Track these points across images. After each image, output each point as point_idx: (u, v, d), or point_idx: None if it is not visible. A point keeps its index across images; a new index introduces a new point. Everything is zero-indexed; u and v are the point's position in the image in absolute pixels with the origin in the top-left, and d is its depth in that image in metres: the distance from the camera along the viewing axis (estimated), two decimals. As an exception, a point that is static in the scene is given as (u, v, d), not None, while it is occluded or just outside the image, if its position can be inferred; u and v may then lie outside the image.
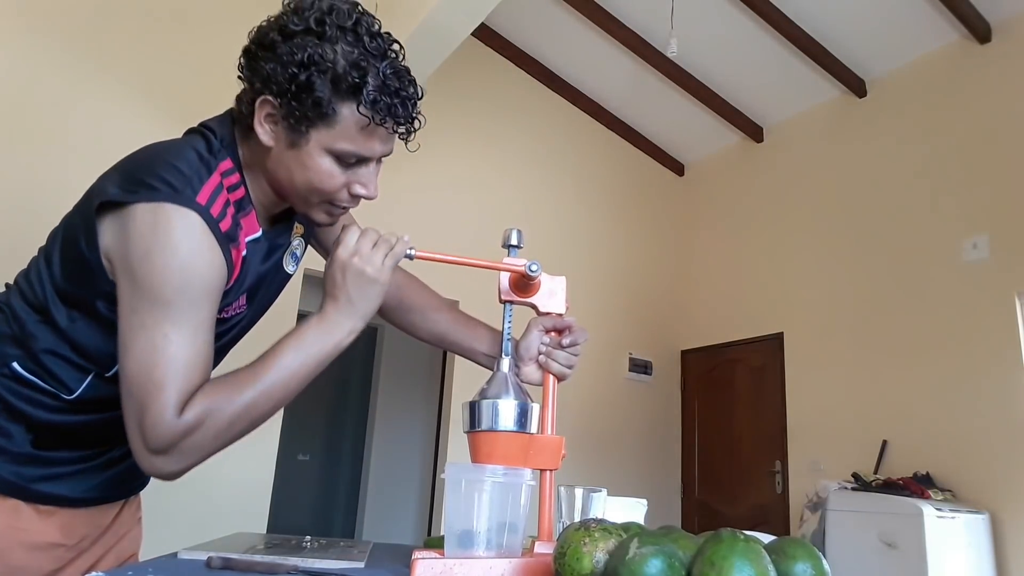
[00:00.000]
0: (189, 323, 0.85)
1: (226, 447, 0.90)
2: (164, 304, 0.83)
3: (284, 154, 0.91)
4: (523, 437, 0.91)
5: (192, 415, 0.83)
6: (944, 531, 3.49)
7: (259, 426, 0.91)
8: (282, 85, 0.86)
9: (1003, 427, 3.78)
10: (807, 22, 4.54)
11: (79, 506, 1.00)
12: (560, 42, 5.21)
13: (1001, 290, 3.93)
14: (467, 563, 0.79)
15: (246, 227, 0.95)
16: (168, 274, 0.83)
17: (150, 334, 0.83)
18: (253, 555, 0.93)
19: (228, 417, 0.86)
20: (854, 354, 4.58)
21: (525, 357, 1.06)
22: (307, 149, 0.90)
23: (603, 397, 5.21)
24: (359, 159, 0.92)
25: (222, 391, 0.85)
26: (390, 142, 0.94)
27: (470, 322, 1.20)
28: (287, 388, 0.89)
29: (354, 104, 0.87)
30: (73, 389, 0.94)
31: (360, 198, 0.96)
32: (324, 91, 0.86)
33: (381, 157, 0.95)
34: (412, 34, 2.87)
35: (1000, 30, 4.25)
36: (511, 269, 1.00)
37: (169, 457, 0.84)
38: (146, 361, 0.83)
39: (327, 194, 0.93)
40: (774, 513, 4.83)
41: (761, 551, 0.63)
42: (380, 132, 0.90)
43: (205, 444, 0.86)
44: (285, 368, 0.88)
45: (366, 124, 0.88)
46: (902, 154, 4.60)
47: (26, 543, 0.94)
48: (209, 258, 0.86)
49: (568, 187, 5.52)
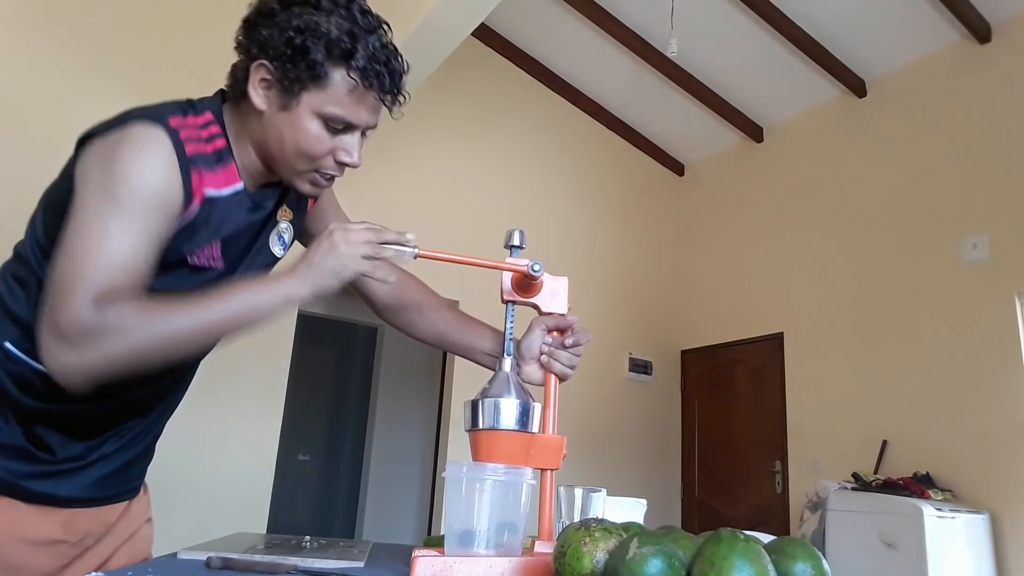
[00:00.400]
0: (134, 228, 0.85)
1: (130, 366, 0.84)
2: (114, 202, 0.85)
3: (275, 117, 0.94)
4: (524, 436, 0.91)
5: (110, 314, 0.81)
6: (944, 531, 3.49)
7: (168, 358, 0.86)
8: (279, 49, 0.90)
9: (1003, 427, 3.78)
10: (807, 22, 4.54)
11: (74, 506, 0.99)
12: (560, 42, 5.21)
13: (1001, 290, 3.93)
14: (467, 561, 0.79)
15: (224, 176, 0.96)
16: (124, 175, 0.86)
17: (92, 229, 0.84)
18: (253, 555, 0.93)
19: (146, 333, 0.83)
20: (854, 354, 4.58)
21: (527, 356, 1.06)
22: (298, 111, 0.93)
23: (603, 397, 5.21)
24: (346, 125, 0.94)
25: (149, 307, 0.84)
26: (376, 113, 0.97)
27: (471, 321, 1.20)
28: (210, 331, 0.87)
29: (345, 69, 0.91)
30: None
31: (345, 166, 0.98)
32: (318, 55, 0.90)
33: (367, 128, 0.97)
34: (412, 34, 2.87)
35: (1000, 30, 4.25)
36: (514, 269, 1.00)
37: (70, 348, 0.80)
38: (80, 251, 0.83)
39: (313, 158, 0.95)
40: (774, 513, 4.83)
41: (761, 551, 0.63)
42: (368, 100, 0.94)
43: (113, 348, 0.81)
44: (220, 310, 0.87)
45: (354, 88, 0.92)
46: (902, 154, 4.60)
47: (25, 539, 0.94)
48: (167, 172, 0.88)
49: (568, 187, 5.52)
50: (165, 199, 0.88)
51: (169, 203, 0.89)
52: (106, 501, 1.04)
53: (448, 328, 1.20)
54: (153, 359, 0.85)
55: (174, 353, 0.86)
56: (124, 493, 1.08)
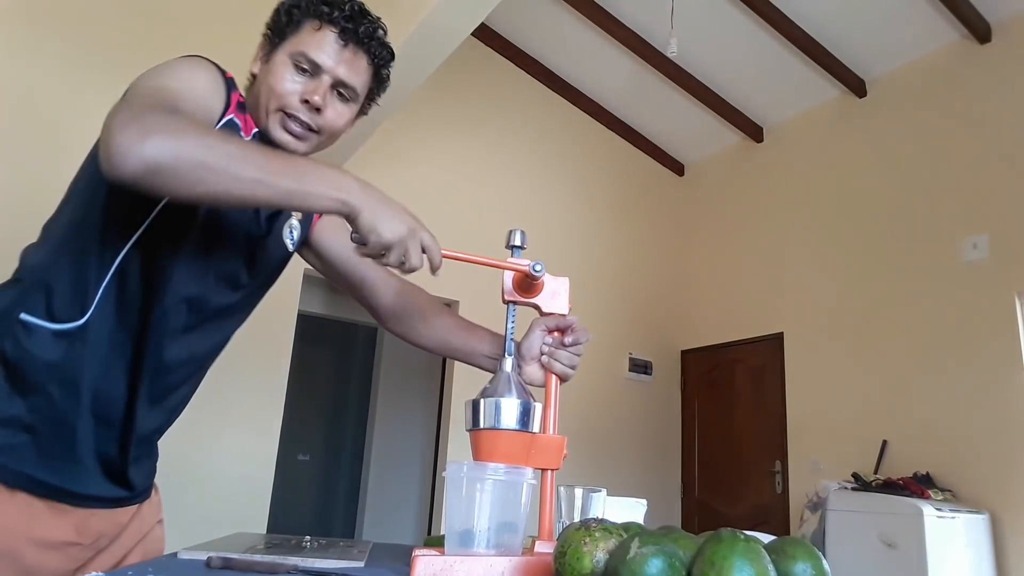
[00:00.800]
0: (194, 97, 0.93)
1: (188, 163, 0.79)
2: (175, 76, 0.94)
3: (262, 72, 1.06)
4: (525, 436, 0.91)
5: (189, 118, 0.86)
6: (944, 531, 3.49)
7: (218, 181, 0.80)
8: (274, 18, 1.06)
9: (1003, 427, 3.78)
10: (807, 22, 4.55)
11: (88, 505, 0.99)
12: (560, 42, 5.21)
13: (1001, 290, 3.93)
14: (467, 561, 0.79)
15: (247, 123, 1.05)
16: (174, 65, 0.97)
17: (156, 86, 0.91)
18: (253, 555, 0.93)
19: (208, 136, 0.83)
20: (854, 354, 4.58)
21: (527, 357, 1.07)
22: (275, 59, 1.04)
23: (603, 397, 5.21)
24: (311, 65, 1.02)
25: (211, 130, 0.89)
26: (343, 63, 1.04)
27: (471, 326, 1.22)
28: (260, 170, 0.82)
29: (315, 16, 1.03)
30: (87, 307, 0.95)
31: (310, 107, 1.02)
32: (295, 9, 1.04)
33: (336, 80, 1.03)
34: (412, 34, 2.87)
35: (1000, 30, 4.25)
36: (515, 268, 1.00)
37: (148, 125, 0.78)
38: (150, 91, 0.89)
39: (280, 94, 1.02)
40: (774, 513, 4.83)
41: (761, 551, 0.63)
42: (329, 40, 1.03)
43: (190, 134, 0.80)
44: (279, 161, 0.85)
45: (319, 29, 1.02)
46: (902, 154, 4.60)
47: (39, 542, 0.93)
48: (213, 71, 1.00)
49: (568, 187, 5.52)
50: (213, 91, 0.99)
51: (215, 97, 0.99)
52: (118, 503, 1.04)
53: (450, 333, 1.22)
54: (216, 165, 0.80)
55: (231, 175, 0.81)
56: (135, 496, 1.07)
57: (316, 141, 1.06)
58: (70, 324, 0.95)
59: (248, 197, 0.83)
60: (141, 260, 0.97)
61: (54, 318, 0.94)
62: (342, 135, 1.10)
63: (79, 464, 0.97)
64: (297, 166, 0.86)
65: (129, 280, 0.97)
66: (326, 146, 1.10)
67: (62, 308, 0.95)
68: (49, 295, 0.95)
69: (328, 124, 1.05)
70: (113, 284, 0.96)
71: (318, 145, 1.08)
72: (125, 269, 0.96)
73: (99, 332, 0.96)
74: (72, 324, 0.95)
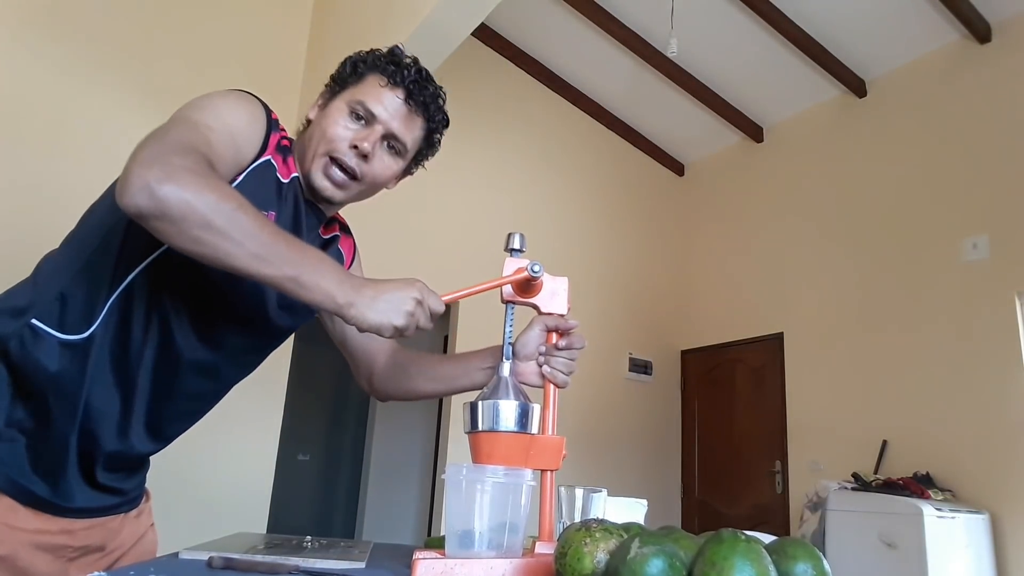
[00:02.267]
0: (230, 135, 0.93)
1: (194, 218, 0.79)
2: (214, 110, 0.94)
3: (317, 118, 1.08)
4: (524, 438, 0.91)
5: (214, 173, 0.85)
6: (944, 531, 3.49)
7: (219, 242, 0.81)
8: (339, 69, 1.10)
9: (1003, 427, 3.78)
10: (807, 22, 4.55)
11: (72, 516, 0.98)
12: (560, 42, 5.21)
13: (1001, 290, 3.93)
14: (468, 563, 0.79)
15: (285, 164, 1.05)
16: (215, 99, 0.96)
17: (193, 120, 0.91)
18: (254, 555, 0.93)
19: (225, 195, 0.82)
20: (854, 354, 4.58)
21: (522, 354, 1.06)
22: (332, 105, 1.07)
23: (603, 397, 5.21)
24: (367, 113, 1.05)
25: (246, 200, 0.85)
26: (401, 120, 1.06)
27: (460, 355, 1.24)
28: (262, 248, 0.82)
29: (379, 71, 1.07)
30: (92, 321, 0.95)
31: (358, 153, 1.04)
32: (361, 63, 1.08)
33: (388, 132, 1.06)
34: (412, 34, 2.87)
35: (1000, 30, 4.25)
36: (514, 280, 1.00)
37: (171, 168, 0.79)
38: (184, 127, 0.89)
39: (331, 139, 1.04)
40: (774, 513, 4.83)
41: (762, 551, 0.63)
42: (390, 97, 1.05)
43: (206, 193, 0.80)
44: (281, 243, 0.84)
45: (382, 84, 1.06)
46: (902, 154, 4.60)
47: (27, 544, 0.93)
48: (255, 110, 1.00)
49: (568, 187, 5.52)
50: (252, 128, 0.98)
51: (254, 135, 0.98)
52: (104, 512, 1.04)
53: (443, 363, 1.24)
54: (221, 231, 0.80)
55: (234, 244, 0.81)
56: (122, 505, 1.07)
57: (356, 191, 1.08)
58: (75, 336, 0.94)
59: (243, 270, 0.83)
60: (150, 285, 0.96)
61: (62, 328, 0.94)
62: (382, 190, 1.13)
63: (65, 476, 0.96)
64: (300, 254, 0.86)
65: (135, 303, 0.96)
66: (365, 197, 1.12)
67: (71, 319, 0.95)
68: (60, 304, 0.95)
69: (372, 173, 1.07)
70: (118, 304, 0.96)
71: (357, 195, 1.09)
72: (133, 291, 0.96)
73: (102, 349, 0.95)
74: (77, 336, 0.94)
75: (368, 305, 0.87)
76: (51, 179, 3.20)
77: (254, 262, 0.82)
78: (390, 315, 0.88)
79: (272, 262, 0.83)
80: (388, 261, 4.31)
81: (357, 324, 0.87)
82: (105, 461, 1.00)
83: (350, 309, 0.87)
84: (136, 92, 3.48)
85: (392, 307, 0.88)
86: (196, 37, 3.78)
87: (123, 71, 3.55)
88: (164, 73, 3.57)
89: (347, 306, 0.86)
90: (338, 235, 1.20)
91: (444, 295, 0.95)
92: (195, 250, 0.81)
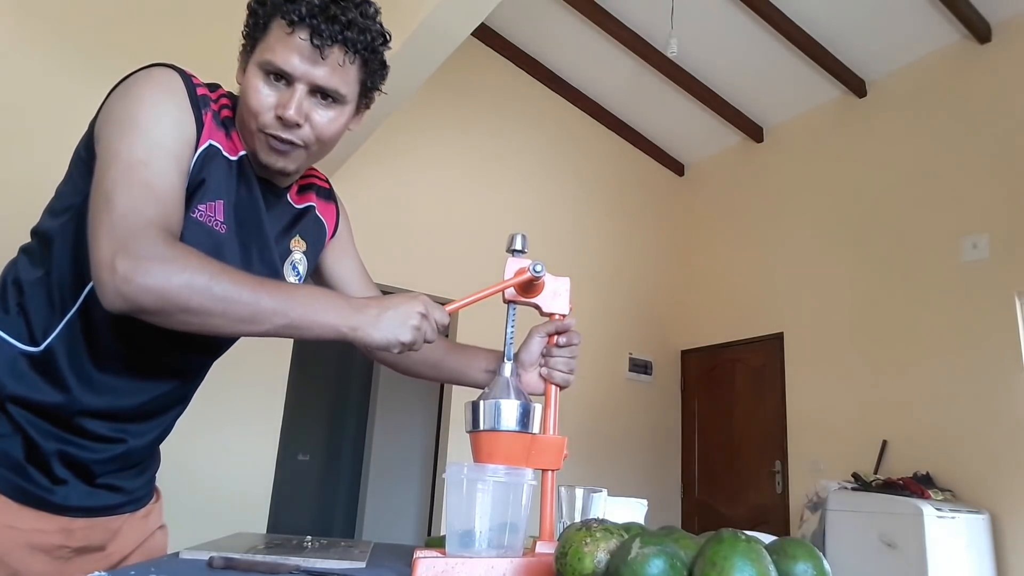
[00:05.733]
0: (164, 154, 0.87)
1: (177, 305, 0.79)
2: (141, 130, 0.87)
3: (240, 85, 0.97)
4: (525, 437, 0.91)
5: (180, 249, 0.81)
6: (944, 531, 3.49)
7: (207, 320, 0.81)
8: (245, 21, 0.96)
9: (1003, 427, 3.78)
10: (807, 22, 4.55)
11: (69, 515, 0.97)
12: (560, 42, 5.21)
13: (1001, 290, 3.93)
14: (469, 563, 0.79)
15: (227, 141, 0.97)
16: (134, 107, 0.89)
17: (127, 158, 0.85)
18: (255, 555, 0.93)
19: (208, 277, 0.80)
20: (854, 354, 4.58)
21: (527, 364, 1.06)
22: (248, 70, 0.95)
23: (603, 397, 5.21)
24: (282, 73, 0.92)
25: (214, 261, 0.83)
26: (316, 64, 0.92)
27: (466, 346, 1.22)
28: (259, 313, 0.82)
29: (280, 16, 0.92)
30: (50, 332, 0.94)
31: (284, 122, 0.93)
32: (261, 10, 0.94)
33: (312, 83, 0.93)
34: (412, 34, 2.87)
35: (1000, 30, 4.25)
36: (516, 283, 1.00)
37: (133, 262, 0.78)
38: (125, 180, 0.83)
39: (256, 114, 0.94)
40: (774, 513, 4.83)
41: (762, 551, 0.63)
42: (298, 44, 0.91)
43: (176, 278, 0.78)
44: (277, 300, 0.83)
45: (288, 33, 0.91)
46: (902, 154, 4.60)
47: (22, 543, 0.92)
48: (179, 100, 0.91)
49: (568, 187, 5.52)
50: (181, 126, 0.91)
51: (185, 132, 0.91)
52: (104, 512, 1.02)
53: (444, 356, 1.20)
54: (200, 310, 0.80)
55: (217, 316, 0.81)
56: (126, 504, 1.06)
57: (305, 155, 0.98)
58: (34, 348, 0.94)
59: (236, 334, 0.85)
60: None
61: (22, 339, 0.93)
62: (345, 134, 1.02)
63: (59, 475, 0.95)
64: (289, 299, 0.84)
65: (94, 314, 0.93)
66: (323, 154, 1.02)
67: (29, 330, 0.94)
68: (22, 314, 0.94)
69: (315, 136, 0.96)
70: (78, 317, 0.94)
71: (311, 156, 0.99)
72: (92, 301, 0.92)
73: (62, 360, 0.94)
74: (36, 348, 0.93)
75: (373, 324, 0.87)
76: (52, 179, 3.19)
77: (243, 326, 0.83)
78: (396, 332, 0.88)
79: (260, 320, 0.83)
80: (388, 261, 4.31)
81: (365, 344, 0.87)
82: (97, 463, 0.98)
83: (355, 332, 0.87)
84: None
85: (397, 323, 0.88)
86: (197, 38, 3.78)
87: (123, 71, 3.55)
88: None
89: (351, 330, 0.86)
90: (313, 204, 1.14)
91: (448, 306, 0.95)
92: (186, 330, 0.83)
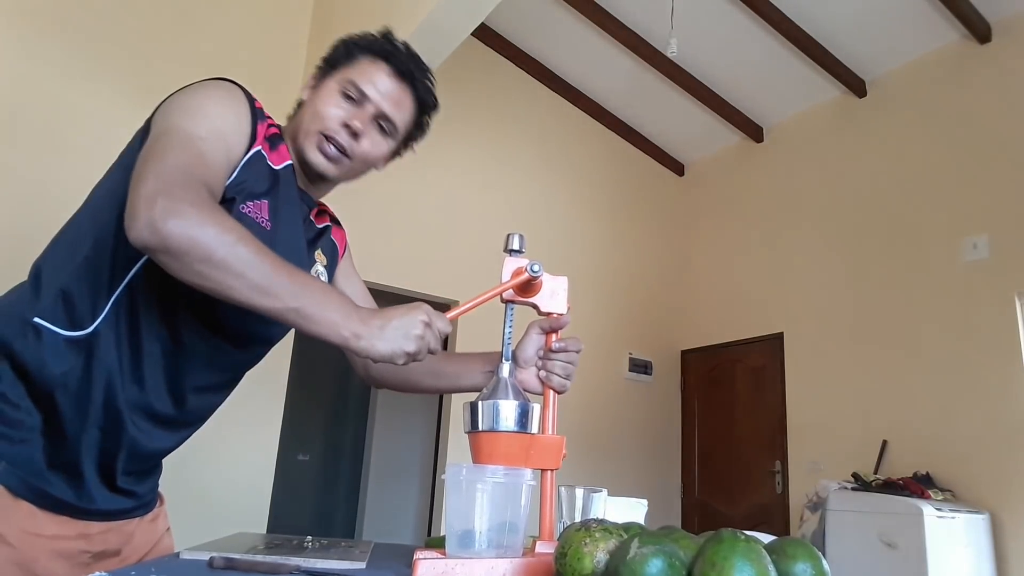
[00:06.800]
0: (221, 140, 0.94)
1: (201, 258, 0.81)
2: (205, 115, 0.94)
3: (309, 98, 1.10)
4: (524, 437, 0.91)
5: (215, 205, 0.86)
6: (944, 531, 3.49)
7: (224, 280, 0.82)
8: (331, 51, 1.12)
9: (1003, 427, 3.78)
10: (807, 22, 4.55)
11: (90, 518, 0.98)
12: (560, 42, 5.21)
13: (1001, 290, 3.93)
14: (469, 563, 0.79)
15: (276, 152, 1.05)
16: (204, 98, 0.98)
17: (188, 131, 0.91)
18: (255, 555, 0.93)
19: (236, 237, 0.82)
20: (854, 354, 4.58)
21: (522, 360, 1.07)
22: (324, 85, 1.09)
23: (603, 397, 5.21)
24: (358, 93, 1.07)
25: (245, 230, 0.85)
26: (392, 102, 1.08)
27: (463, 354, 1.25)
28: (271, 286, 0.83)
29: (370, 52, 1.10)
30: (96, 316, 0.95)
31: (349, 131, 1.06)
32: (354, 46, 1.11)
33: (377, 106, 1.07)
34: (412, 34, 2.87)
35: (1000, 30, 4.25)
36: (514, 285, 1.00)
37: (173, 203, 0.81)
38: (181, 145, 0.89)
39: (323, 119, 1.06)
40: (774, 513, 4.83)
41: (762, 551, 0.63)
42: (379, 73, 1.08)
43: (207, 228, 0.81)
44: (289, 280, 0.84)
45: (372, 62, 1.08)
46: (902, 154, 4.60)
47: (48, 551, 0.93)
48: (239, 105, 1.00)
49: (568, 187, 5.52)
50: (241, 125, 0.99)
51: (243, 130, 0.99)
52: (120, 516, 1.04)
53: (445, 360, 1.22)
54: (222, 264, 0.82)
55: (235, 277, 0.82)
56: (137, 508, 1.07)
57: (348, 167, 1.09)
58: (79, 332, 0.94)
59: (245, 303, 0.84)
60: (152, 279, 0.95)
61: (65, 325, 0.94)
62: (372, 170, 1.14)
63: (84, 477, 0.96)
64: (304, 286, 0.86)
65: (138, 297, 0.96)
66: (357, 176, 1.13)
67: (74, 316, 0.94)
68: (63, 302, 0.94)
69: (363, 152, 1.08)
70: (122, 298, 0.95)
71: (349, 171, 1.11)
72: (135, 286, 0.96)
73: (107, 344, 0.95)
74: (81, 332, 0.94)
75: (377, 335, 0.87)
76: (51, 178, 3.20)
77: (255, 294, 0.83)
78: (400, 342, 0.88)
79: (274, 294, 0.83)
80: (388, 261, 4.31)
81: (368, 355, 0.87)
82: (125, 460, 0.99)
83: (359, 341, 0.86)
84: (137, 91, 3.48)
85: (401, 334, 0.88)
86: (197, 38, 3.79)
87: (123, 70, 3.55)
88: (164, 72, 3.57)
89: (354, 338, 0.86)
90: (330, 225, 1.22)
91: (449, 313, 0.95)
92: (199, 284, 0.83)
